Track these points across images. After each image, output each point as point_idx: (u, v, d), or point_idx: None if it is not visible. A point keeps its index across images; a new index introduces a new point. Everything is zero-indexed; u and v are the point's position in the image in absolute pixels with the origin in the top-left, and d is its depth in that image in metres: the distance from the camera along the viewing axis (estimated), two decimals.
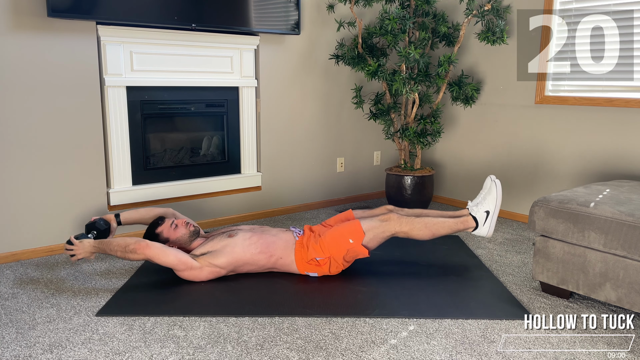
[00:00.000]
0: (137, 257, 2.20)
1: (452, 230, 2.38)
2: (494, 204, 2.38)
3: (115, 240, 2.25)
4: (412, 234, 2.35)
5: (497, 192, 2.38)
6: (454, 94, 3.45)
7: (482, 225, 2.38)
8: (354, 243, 2.31)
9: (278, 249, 2.36)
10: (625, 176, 2.92)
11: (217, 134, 3.31)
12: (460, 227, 2.38)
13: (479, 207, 2.40)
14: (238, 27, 3.07)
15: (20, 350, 1.77)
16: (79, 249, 2.29)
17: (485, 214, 2.38)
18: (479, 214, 2.39)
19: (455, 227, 2.38)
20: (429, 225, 2.35)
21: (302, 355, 1.75)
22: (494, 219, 2.38)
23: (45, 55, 2.57)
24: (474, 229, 2.39)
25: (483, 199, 2.41)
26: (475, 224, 2.38)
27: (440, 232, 2.36)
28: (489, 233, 2.39)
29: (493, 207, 2.38)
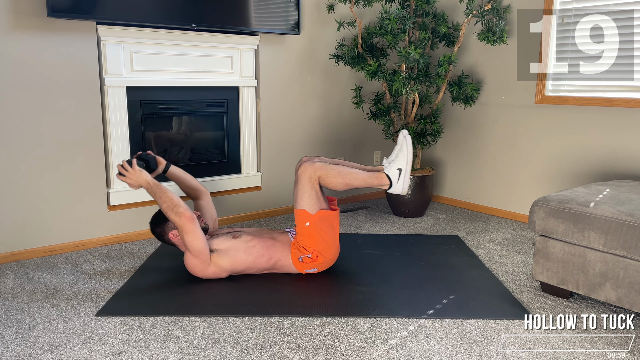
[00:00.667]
0: (177, 220, 2.18)
1: (365, 184, 2.37)
2: (405, 160, 2.35)
3: (170, 193, 2.23)
4: (327, 181, 2.32)
5: (408, 148, 2.35)
6: (454, 94, 3.45)
7: (395, 183, 2.36)
8: (310, 223, 2.30)
9: (277, 251, 2.36)
10: (625, 176, 2.92)
11: (220, 143, 3.31)
12: (374, 182, 2.37)
13: (392, 165, 2.38)
14: (238, 27, 3.07)
15: (20, 350, 1.78)
16: (133, 176, 2.28)
17: (397, 172, 2.36)
18: (391, 172, 2.36)
19: (369, 181, 2.37)
20: (343, 174, 2.33)
21: (302, 355, 1.75)
22: (407, 176, 2.36)
23: (45, 55, 2.57)
24: (388, 187, 2.38)
25: (396, 157, 2.38)
26: (389, 182, 2.37)
27: (353, 183, 2.35)
28: (403, 189, 2.37)
29: (405, 164, 2.35)
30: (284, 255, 2.36)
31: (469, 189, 3.80)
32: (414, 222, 3.41)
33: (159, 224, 2.36)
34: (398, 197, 3.47)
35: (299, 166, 2.36)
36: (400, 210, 3.53)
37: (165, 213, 2.23)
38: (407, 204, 3.47)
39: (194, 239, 2.20)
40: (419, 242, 2.98)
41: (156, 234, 2.38)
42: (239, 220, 3.36)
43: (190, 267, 2.28)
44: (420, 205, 3.51)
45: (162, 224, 2.34)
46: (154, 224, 2.38)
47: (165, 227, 2.34)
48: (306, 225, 2.30)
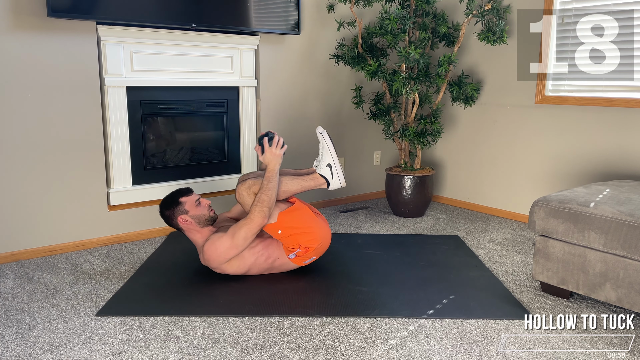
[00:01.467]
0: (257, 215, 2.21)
1: (303, 187, 2.40)
2: (330, 154, 2.39)
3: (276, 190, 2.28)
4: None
5: (327, 142, 2.40)
6: (454, 94, 3.45)
7: (332, 180, 2.40)
8: (281, 229, 2.30)
9: (275, 250, 2.36)
10: (625, 176, 2.92)
11: (220, 143, 3.31)
12: (311, 184, 2.40)
13: (321, 163, 2.41)
14: (238, 27, 3.07)
15: (20, 350, 1.78)
16: (274, 157, 2.32)
17: (328, 168, 2.39)
18: (323, 171, 2.40)
19: (305, 184, 2.40)
20: (280, 184, 2.36)
21: (302, 355, 1.75)
22: (338, 169, 2.40)
23: (45, 55, 2.57)
24: (327, 185, 2.41)
25: (321, 155, 2.42)
26: (325, 181, 2.40)
27: (290, 189, 2.39)
28: (342, 183, 2.41)
29: (330, 158, 2.39)
30: (279, 253, 2.36)
31: (469, 189, 3.80)
32: (414, 222, 3.41)
33: (169, 207, 2.34)
34: (398, 197, 3.47)
35: (235, 192, 2.38)
36: (400, 210, 3.53)
37: (257, 200, 2.24)
38: (407, 204, 3.47)
39: (249, 236, 2.23)
40: (419, 242, 2.97)
41: (165, 216, 2.36)
42: None
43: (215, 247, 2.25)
44: (420, 205, 3.51)
45: (173, 207, 2.33)
46: (164, 206, 2.36)
47: (175, 211, 2.33)
48: (279, 232, 2.32)
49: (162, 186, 3.04)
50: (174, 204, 2.34)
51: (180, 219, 2.32)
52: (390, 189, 3.54)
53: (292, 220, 2.33)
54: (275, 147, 2.35)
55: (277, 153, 2.34)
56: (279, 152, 2.34)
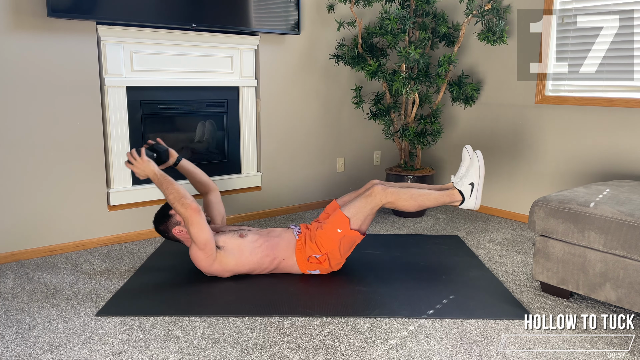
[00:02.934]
0: (183, 211, 2.18)
1: (438, 203, 2.37)
2: (478, 175, 2.35)
3: (176, 185, 2.23)
4: (399, 204, 2.34)
5: (480, 163, 2.36)
6: (454, 94, 3.45)
7: (468, 198, 2.36)
8: (342, 232, 2.31)
9: (281, 250, 2.36)
10: (625, 176, 2.92)
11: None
12: (446, 200, 2.37)
13: (463, 180, 2.37)
14: (238, 27, 3.07)
15: (20, 350, 1.78)
16: (141, 166, 2.29)
17: (470, 187, 2.36)
18: (464, 187, 2.36)
19: (441, 200, 2.36)
20: (415, 196, 2.34)
21: (302, 355, 1.75)
22: (479, 191, 2.36)
23: (45, 55, 2.57)
24: (460, 202, 2.37)
25: (466, 171, 2.38)
26: (461, 198, 2.37)
27: (426, 203, 2.36)
28: (476, 205, 2.37)
29: (477, 178, 2.35)
30: (287, 254, 2.36)
31: None
32: (414, 222, 3.41)
33: (162, 222, 2.36)
34: None
35: (372, 186, 2.39)
36: (400, 211, 3.52)
37: (171, 204, 2.23)
38: None
39: (199, 230, 2.19)
40: (419, 242, 2.98)
41: (160, 231, 2.38)
42: (239, 220, 3.36)
43: (195, 260, 2.28)
44: None
45: (166, 221, 2.35)
46: (157, 222, 2.38)
47: (168, 224, 2.34)
48: (338, 231, 2.31)
49: None
50: (165, 217, 2.36)
51: (175, 230, 2.34)
52: None
53: (349, 240, 2.35)
54: (136, 159, 2.30)
55: (143, 160, 2.29)
56: (144, 159, 2.29)
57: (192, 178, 2.59)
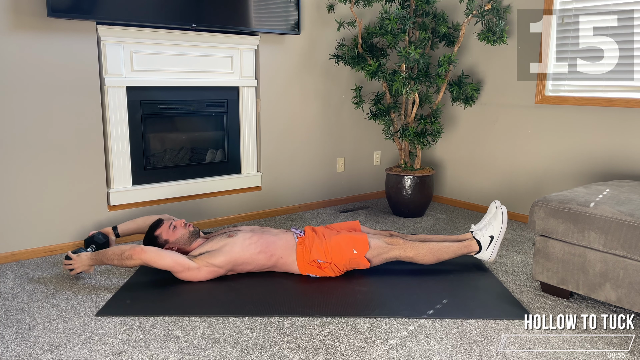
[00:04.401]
0: (134, 262, 2.22)
1: (455, 255, 2.43)
2: (499, 229, 2.41)
3: (110, 250, 2.27)
4: (417, 259, 2.41)
5: (503, 217, 2.42)
6: (454, 94, 3.45)
7: (485, 250, 2.42)
8: (357, 254, 2.34)
9: (279, 248, 2.36)
10: (625, 176, 2.92)
11: (220, 143, 3.32)
12: (464, 251, 2.43)
13: (484, 231, 2.43)
14: (238, 27, 3.07)
15: (20, 350, 1.78)
16: (77, 263, 2.31)
17: (489, 239, 2.42)
18: (483, 238, 2.42)
19: (459, 252, 2.43)
20: (434, 251, 2.40)
21: (302, 355, 1.75)
22: (497, 244, 2.42)
23: (45, 55, 2.57)
24: (476, 252, 2.43)
25: (488, 223, 2.44)
26: (478, 248, 2.42)
27: (444, 256, 2.42)
28: (491, 257, 2.43)
29: (498, 232, 2.41)
30: (286, 253, 2.36)
31: (469, 189, 3.80)
32: (414, 222, 3.41)
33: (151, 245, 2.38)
34: (398, 197, 3.48)
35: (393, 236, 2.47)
36: (400, 210, 3.53)
37: (122, 266, 2.28)
38: (407, 204, 3.47)
39: (159, 260, 2.22)
40: None
41: None
42: (239, 220, 3.36)
43: (184, 279, 2.31)
44: (420, 205, 3.51)
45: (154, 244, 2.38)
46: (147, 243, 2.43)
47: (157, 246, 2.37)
48: (353, 251, 2.34)
49: (162, 186, 3.04)
50: (152, 241, 2.38)
51: (168, 247, 2.37)
52: (390, 189, 3.55)
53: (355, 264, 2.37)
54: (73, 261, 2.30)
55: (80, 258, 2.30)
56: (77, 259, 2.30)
57: (140, 230, 2.61)
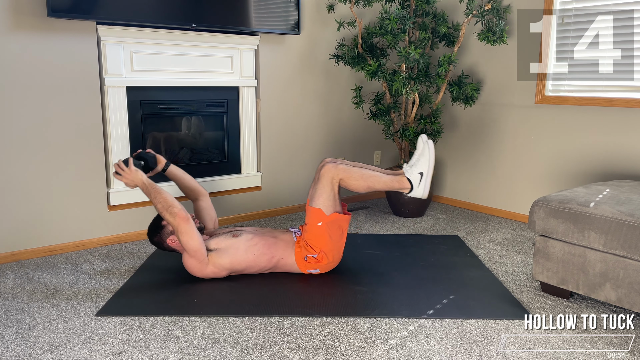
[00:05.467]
0: (171, 220, 2.19)
1: (387, 187, 2.39)
2: (427, 165, 2.38)
3: (165, 194, 2.25)
4: (349, 183, 2.35)
5: (430, 153, 2.38)
6: (454, 94, 3.45)
7: (416, 187, 2.38)
8: (323, 223, 2.31)
9: (279, 249, 2.36)
10: (625, 176, 2.92)
11: (219, 143, 3.31)
12: (395, 185, 2.39)
13: (413, 169, 2.39)
14: (238, 27, 3.07)
15: (20, 350, 1.78)
16: (129, 176, 2.29)
17: (419, 176, 2.38)
18: (413, 176, 2.39)
19: (390, 184, 2.39)
20: (365, 177, 2.36)
21: (302, 355, 1.75)
22: (428, 180, 2.38)
23: (45, 55, 2.57)
24: (409, 190, 2.40)
25: (417, 161, 2.40)
26: (410, 186, 2.39)
27: (375, 186, 2.38)
28: (424, 194, 2.39)
29: (426, 168, 2.37)
30: (286, 253, 2.36)
31: (469, 189, 3.80)
32: (414, 222, 3.41)
33: (155, 233, 2.37)
34: (398, 197, 3.47)
35: (322, 166, 2.38)
36: (400, 210, 3.53)
37: (160, 213, 2.24)
38: (407, 204, 3.47)
39: (189, 239, 2.20)
40: (419, 242, 2.97)
41: (155, 243, 2.39)
42: (239, 220, 3.36)
43: (188, 267, 2.29)
44: (420, 205, 3.51)
45: (159, 232, 2.36)
46: (151, 234, 2.39)
47: (162, 235, 2.35)
48: (318, 224, 2.31)
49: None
50: (158, 229, 2.36)
51: (169, 240, 2.34)
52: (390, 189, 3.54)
53: (335, 225, 2.34)
54: (124, 170, 2.31)
55: (131, 170, 2.30)
56: (132, 169, 2.30)
57: (181, 184, 2.59)
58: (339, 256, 2.43)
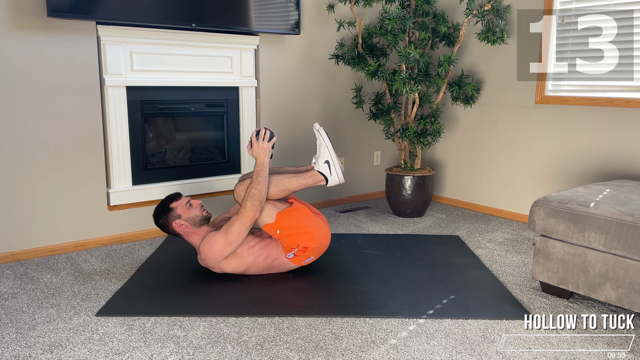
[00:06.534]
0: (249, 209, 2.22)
1: (302, 185, 2.41)
2: (328, 151, 2.40)
3: (265, 186, 2.29)
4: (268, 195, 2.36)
5: (324, 139, 2.41)
6: (454, 94, 3.45)
7: (330, 176, 2.41)
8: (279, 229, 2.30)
9: (273, 249, 2.36)
10: (625, 176, 2.92)
11: (219, 143, 3.31)
12: (309, 182, 2.41)
13: (319, 160, 2.42)
14: (238, 27, 3.07)
15: (20, 350, 1.78)
16: (263, 151, 2.34)
17: (326, 165, 2.40)
18: (321, 167, 2.41)
19: (304, 182, 2.41)
20: (278, 183, 2.38)
21: (302, 355, 1.75)
22: (336, 165, 2.40)
23: (45, 55, 2.57)
24: (326, 182, 2.42)
25: (319, 152, 2.43)
26: (324, 178, 2.41)
27: (288, 187, 2.39)
28: (340, 179, 2.42)
29: (328, 155, 2.40)
30: (278, 252, 2.36)
31: (469, 189, 3.80)
32: (414, 222, 3.41)
33: (162, 215, 2.35)
34: (398, 197, 3.47)
35: (234, 192, 2.40)
36: (400, 210, 3.53)
37: (247, 196, 2.26)
38: (407, 204, 3.47)
39: (242, 231, 2.23)
40: (419, 242, 2.97)
41: (160, 224, 2.37)
42: None
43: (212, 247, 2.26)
44: (420, 205, 3.51)
45: (166, 214, 2.34)
46: (157, 215, 2.37)
47: (168, 218, 2.33)
48: (277, 232, 2.32)
49: (162, 186, 3.04)
50: (165, 211, 2.35)
51: (175, 224, 2.33)
52: (390, 189, 3.55)
53: (291, 220, 2.33)
54: (262, 141, 2.36)
55: (264, 146, 2.35)
56: (265, 145, 2.35)
57: None
58: (323, 234, 2.39)
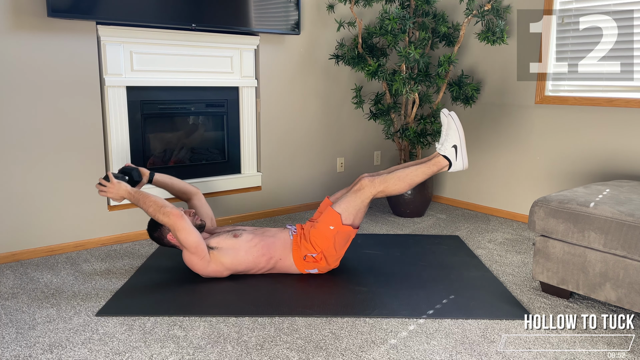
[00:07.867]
0: (166, 220, 2.19)
1: (427, 175, 2.39)
2: (457, 135, 2.37)
3: (153, 197, 2.24)
4: (389, 191, 2.36)
5: (456, 123, 2.37)
6: (454, 94, 3.45)
7: (455, 161, 2.38)
8: (335, 228, 2.32)
9: (277, 250, 2.36)
10: (625, 176, 2.92)
11: (219, 143, 3.31)
12: (434, 169, 2.39)
13: (445, 144, 2.39)
14: (238, 27, 3.07)
15: (20, 350, 1.78)
16: (112, 189, 2.29)
17: (453, 149, 2.37)
18: (448, 151, 2.38)
19: (429, 171, 2.38)
20: (402, 178, 2.36)
21: (302, 355, 1.75)
22: (464, 151, 2.37)
23: (45, 55, 2.57)
24: (449, 167, 2.39)
25: (447, 135, 2.39)
26: (448, 162, 2.38)
27: (415, 180, 2.38)
28: (464, 165, 2.39)
29: (458, 139, 2.37)
30: (284, 254, 2.36)
31: (469, 189, 3.80)
32: (414, 222, 3.41)
33: (155, 229, 2.36)
34: (398, 197, 3.47)
35: (359, 180, 2.40)
36: (400, 210, 3.53)
37: (153, 217, 2.24)
38: (407, 204, 3.47)
39: (187, 235, 2.20)
40: (419, 242, 2.98)
41: (155, 238, 2.38)
42: (239, 220, 3.36)
43: (190, 264, 2.28)
44: (420, 205, 3.51)
45: (159, 228, 2.35)
46: (151, 229, 2.39)
47: (162, 231, 2.35)
48: (330, 228, 2.32)
49: None
50: (158, 225, 2.35)
51: (170, 236, 2.34)
52: None
53: (344, 236, 2.35)
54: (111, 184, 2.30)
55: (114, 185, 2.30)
56: (115, 183, 2.30)
57: (171, 189, 2.60)
58: (337, 263, 2.43)
